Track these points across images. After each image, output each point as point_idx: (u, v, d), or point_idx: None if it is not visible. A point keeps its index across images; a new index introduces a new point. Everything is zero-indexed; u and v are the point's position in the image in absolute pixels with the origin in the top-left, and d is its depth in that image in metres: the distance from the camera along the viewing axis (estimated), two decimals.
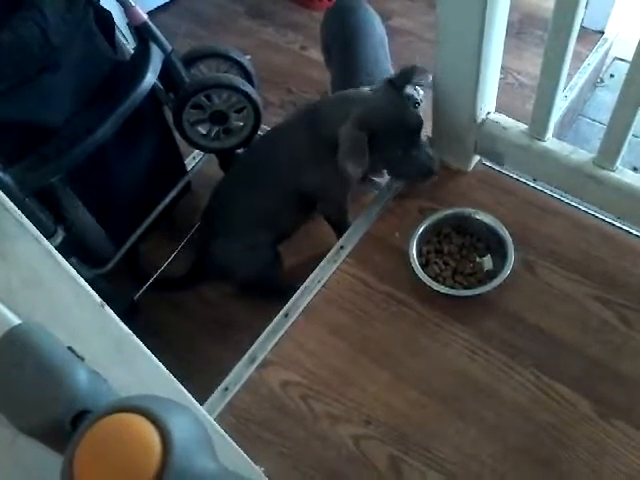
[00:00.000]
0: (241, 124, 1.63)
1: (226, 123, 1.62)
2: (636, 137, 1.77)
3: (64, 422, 0.39)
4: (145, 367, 0.72)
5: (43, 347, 0.42)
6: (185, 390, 0.85)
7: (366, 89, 1.40)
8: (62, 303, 0.53)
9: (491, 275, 1.32)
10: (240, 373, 1.29)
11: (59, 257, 0.53)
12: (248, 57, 1.78)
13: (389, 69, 1.72)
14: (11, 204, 0.47)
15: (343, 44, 1.74)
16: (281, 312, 1.36)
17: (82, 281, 0.56)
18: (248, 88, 1.58)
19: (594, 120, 2.12)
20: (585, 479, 1.11)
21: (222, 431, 1.02)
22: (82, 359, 0.44)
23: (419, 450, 1.16)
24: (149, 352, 0.74)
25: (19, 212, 0.47)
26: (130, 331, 0.69)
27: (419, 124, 1.33)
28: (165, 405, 0.38)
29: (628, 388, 1.19)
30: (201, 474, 0.35)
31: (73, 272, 0.55)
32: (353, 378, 1.25)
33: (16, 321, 0.43)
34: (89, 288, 0.57)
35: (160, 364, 0.78)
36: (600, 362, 1.22)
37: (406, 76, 1.32)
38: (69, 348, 0.43)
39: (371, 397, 1.23)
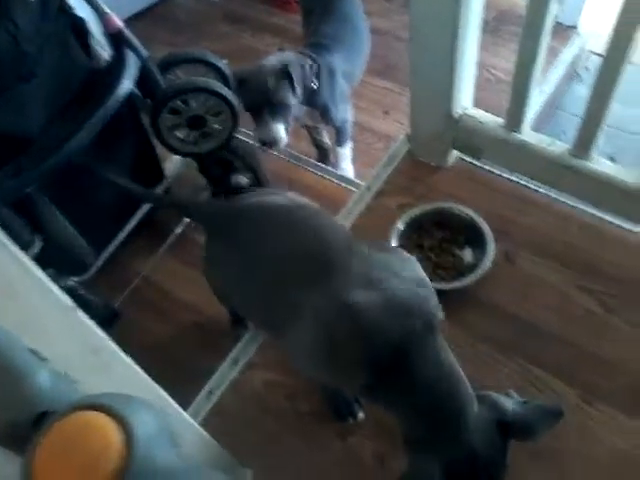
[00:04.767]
0: (219, 127, 1.63)
1: (204, 127, 1.61)
2: (612, 128, 1.79)
3: (24, 424, 0.39)
4: (124, 372, 0.72)
5: (0, 349, 0.41)
6: (167, 395, 0.85)
7: None
8: (32, 308, 0.53)
9: (472, 268, 1.32)
10: (223, 376, 1.29)
11: (29, 263, 0.53)
12: (225, 61, 1.77)
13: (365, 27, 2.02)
14: None
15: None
16: None
17: (52, 286, 0.55)
18: (225, 91, 1.57)
19: (572, 114, 2.13)
20: (580, 466, 1.12)
21: (207, 435, 1.02)
22: (45, 360, 0.43)
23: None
24: (127, 358, 0.73)
25: None
26: (107, 336, 0.68)
27: None
28: (126, 401, 0.38)
29: (610, 372, 1.20)
30: (164, 467, 0.34)
31: (43, 277, 0.54)
32: None
33: None
34: (59, 293, 0.57)
35: (139, 369, 0.77)
36: (583, 348, 1.23)
37: None
38: (30, 350, 0.43)
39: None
